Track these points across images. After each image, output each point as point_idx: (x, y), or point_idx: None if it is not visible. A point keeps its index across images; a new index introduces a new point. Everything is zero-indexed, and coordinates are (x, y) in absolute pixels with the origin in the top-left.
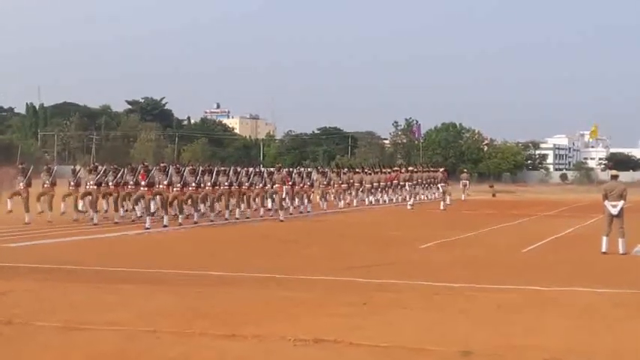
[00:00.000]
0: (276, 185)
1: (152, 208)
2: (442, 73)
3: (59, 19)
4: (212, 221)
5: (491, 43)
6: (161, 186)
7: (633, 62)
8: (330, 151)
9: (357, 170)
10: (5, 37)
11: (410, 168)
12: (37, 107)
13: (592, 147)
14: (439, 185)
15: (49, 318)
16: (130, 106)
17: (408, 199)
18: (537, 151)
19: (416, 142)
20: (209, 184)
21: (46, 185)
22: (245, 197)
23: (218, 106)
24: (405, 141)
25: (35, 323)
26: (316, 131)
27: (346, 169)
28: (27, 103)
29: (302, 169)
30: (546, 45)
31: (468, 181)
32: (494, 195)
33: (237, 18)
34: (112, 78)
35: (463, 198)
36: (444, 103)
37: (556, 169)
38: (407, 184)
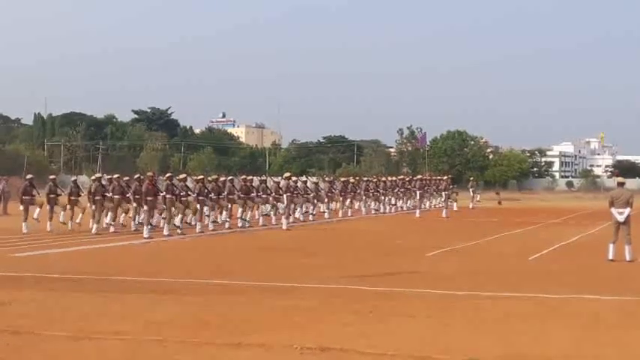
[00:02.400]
0: (287, 194)
1: (155, 218)
2: (448, 81)
3: (66, 31)
4: (214, 229)
5: (496, 51)
6: (168, 196)
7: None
8: (335, 159)
9: (362, 179)
10: (13, 49)
11: (419, 176)
12: (45, 117)
13: (598, 154)
14: (443, 193)
15: (56, 328)
16: (136, 116)
17: (417, 207)
18: (543, 159)
19: (421, 150)
20: (212, 195)
21: (52, 196)
22: (249, 206)
23: (224, 116)
24: (410, 149)
25: (42, 333)
26: (321, 140)
27: (351, 178)
28: (35, 113)
29: (305, 177)
30: (552, 53)
31: (472, 189)
32: (500, 203)
33: (242, 29)
34: (119, 88)
35: (471, 206)
36: (450, 111)
37: (562, 177)
38: (418, 192)
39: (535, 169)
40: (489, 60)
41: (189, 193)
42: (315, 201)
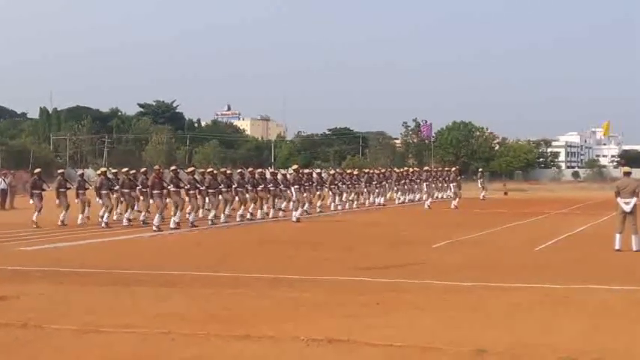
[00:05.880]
0: (295, 187)
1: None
2: (453, 72)
3: (71, 25)
4: (227, 222)
5: (501, 41)
6: (173, 189)
7: None
8: (340, 151)
9: (368, 171)
10: (19, 43)
11: (426, 168)
12: (50, 111)
13: (604, 144)
14: (451, 184)
15: (64, 321)
16: (141, 109)
17: (425, 198)
18: (549, 149)
19: (426, 141)
20: (220, 186)
21: (61, 190)
22: (258, 199)
23: (229, 108)
24: (415, 141)
25: (50, 326)
26: (327, 132)
27: (356, 170)
28: (40, 107)
29: (313, 169)
30: (557, 42)
31: (481, 180)
32: (506, 193)
33: (248, 22)
34: (124, 82)
35: (482, 197)
36: (456, 102)
37: (568, 167)
38: (424, 184)
39: (541, 159)
40: (494, 50)
41: (198, 186)
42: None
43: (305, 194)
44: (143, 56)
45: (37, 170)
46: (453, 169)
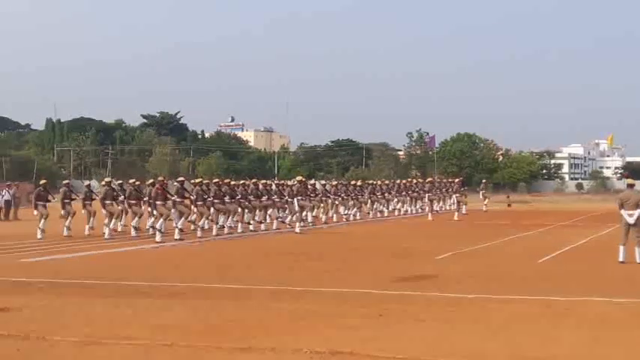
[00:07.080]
0: (299, 198)
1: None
2: (457, 83)
3: (75, 36)
4: (230, 233)
5: (504, 52)
6: (178, 200)
7: None
8: (343, 162)
9: (371, 182)
10: (23, 54)
11: (429, 179)
12: (55, 123)
13: (607, 156)
14: (454, 195)
15: (66, 333)
16: (145, 121)
17: (428, 209)
18: (552, 161)
19: (430, 152)
20: (227, 198)
21: (66, 201)
22: (261, 210)
23: (232, 120)
24: (419, 152)
25: (52, 338)
26: (330, 143)
27: (360, 181)
28: (47, 119)
29: (314, 181)
30: (561, 54)
31: (483, 191)
32: (509, 205)
33: (250, 33)
34: (128, 93)
35: (484, 209)
36: (460, 113)
37: (571, 179)
38: (427, 195)
39: (544, 171)
40: (497, 61)
41: (205, 197)
42: (325, 205)
43: (309, 206)
44: (147, 67)
45: (43, 181)
46: (457, 180)
